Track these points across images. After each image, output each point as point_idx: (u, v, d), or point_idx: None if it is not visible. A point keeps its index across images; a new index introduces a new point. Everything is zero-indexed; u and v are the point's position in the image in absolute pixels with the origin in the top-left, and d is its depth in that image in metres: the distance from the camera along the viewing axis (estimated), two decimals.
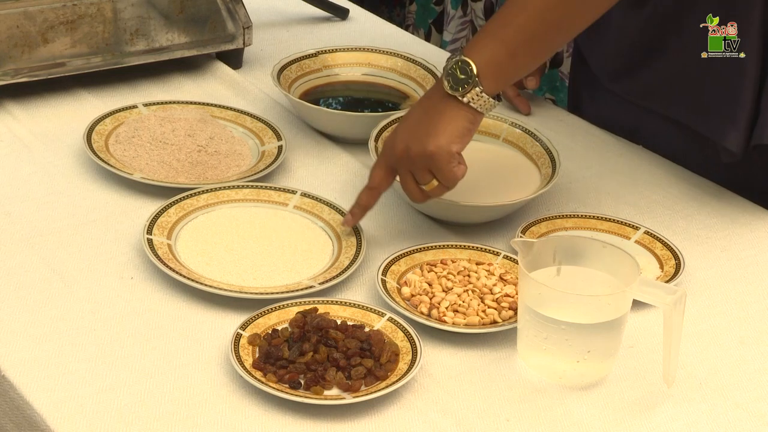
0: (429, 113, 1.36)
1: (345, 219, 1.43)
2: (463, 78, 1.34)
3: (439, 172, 1.36)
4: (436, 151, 1.34)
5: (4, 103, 1.68)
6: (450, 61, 1.35)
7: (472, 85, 1.33)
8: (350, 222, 1.43)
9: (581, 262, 1.28)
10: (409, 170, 1.38)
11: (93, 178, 1.54)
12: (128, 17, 1.72)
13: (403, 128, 1.38)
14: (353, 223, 1.43)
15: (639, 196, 1.58)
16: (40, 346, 1.26)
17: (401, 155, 1.37)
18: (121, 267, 1.38)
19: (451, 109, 1.35)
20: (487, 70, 1.34)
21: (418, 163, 1.36)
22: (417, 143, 1.35)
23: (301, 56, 1.75)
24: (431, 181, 1.37)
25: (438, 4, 3.19)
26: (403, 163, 1.38)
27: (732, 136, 1.51)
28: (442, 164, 1.35)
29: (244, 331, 1.26)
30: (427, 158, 1.35)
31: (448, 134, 1.35)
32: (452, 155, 1.35)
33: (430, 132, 1.35)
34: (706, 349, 1.33)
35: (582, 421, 1.22)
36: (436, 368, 1.27)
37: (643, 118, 1.67)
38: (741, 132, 1.50)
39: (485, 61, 1.34)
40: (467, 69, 1.33)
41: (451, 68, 1.34)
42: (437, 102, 1.36)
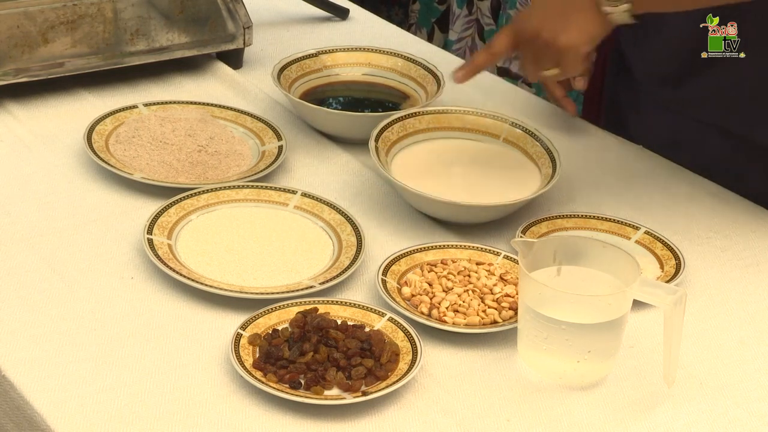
0: (569, 8, 1.40)
1: (456, 75, 1.48)
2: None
3: (564, 65, 1.43)
4: (568, 47, 1.40)
5: (5, 103, 1.68)
6: None
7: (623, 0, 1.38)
8: (461, 79, 1.48)
9: (581, 262, 1.28)
10: (533, 52, 1.43)
11: (93, 178, 1.54)
12: (128, 17, 1.72)
13: (541, 11, 1.42)
14: (464, 80, 1.48)
15: (639, 196, 1.58)
16: (40, 346, 1.26)
17: (531, 37, 1.42)
18: (122, 267, 1.38)
19: (591, 12, 1.39)
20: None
21: (546, 51, 1.42)
22: (550, 33, 1.40)
23: (301, 56, 1.75)
24: (553, 68, 1.44)
25: (441, 3, 3.19)
26: (530, 44, 1.43)
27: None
28: (570, 59, 1.42)
29: (244, 331, 1.26)
30: (557, 50, 1.41)
31: (582, 35, 1.40)
32: (580, 54, 1.42)
33: (566, 28, 1.40)
34: (706, 349, 1.33)
35: (582, 421, 1.22)
36: (436, 368, 1.27)
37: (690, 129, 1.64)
38: None
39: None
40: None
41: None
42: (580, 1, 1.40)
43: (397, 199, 1.53)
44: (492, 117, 1.62)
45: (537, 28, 1.41)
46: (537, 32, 1.41)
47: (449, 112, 1.63)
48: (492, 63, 1.48)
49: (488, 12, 3.05)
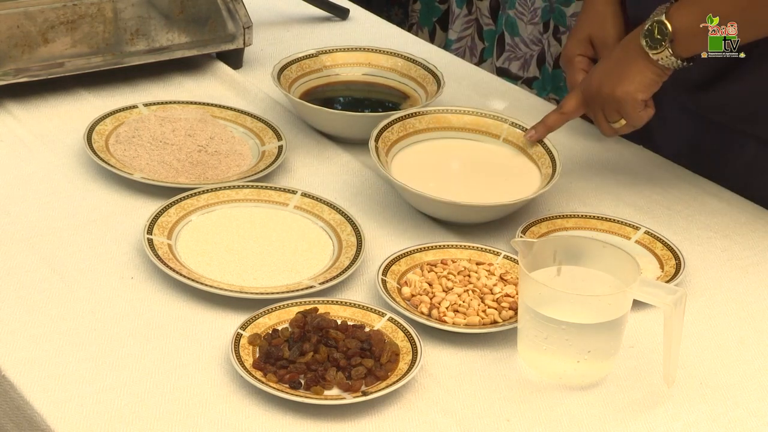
0: (623, 61, 1.49)
1: (529, 134, 1.56)
2: (658, 38, 1.44)
3: (626, 115, 1.50)
4: (624, 97, 1.48)
5: (5, 103, 1.68)
6: (653, 18, 1.44)
7: (664, 47, 1.44)
8: (534, 138, 1.56)
9: (581, 262, 1.28)
10: (600, 107, 1.51)
11: (93, 178, 1.54)
12: (128, 17, 1.72)
13: (601, 69, 1.51)
14: (536, 139, 1.56)
15: (639, 196, 1.58)
16: (40, 346, 1.26)
17: (594, 93, 1.51)
18: (121, 267, 1.38)
19: (642, 62, 1.47)
20: (682, 36, 1.43)
21: (607, 104, 1.50)
22: (608, 86, 1.49)
23: (301, 56, 1.75)
24: (619, 120, 1.51)
25: (442, 3, 3.19)
26: (594, 100, 1.52)
27: None
28: (629, 109, 1.49)
29: (244, 331, 1.26)
30: (616, 101, 1.49)
31: (635, 84, 1.47)
32: (638, 102, 1.48)
33: (621, 79, 1.48)
34: (706, 349, 1.33)
35: (582, 421, 1.22)
36: (436, 368, 1.27)
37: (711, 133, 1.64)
38: None
39: (683, 26, 1.43)
40: (664, 30, 1.44)
41: (650, 26, 1.44)
42: (632, 52, 1.48)
43: (397, 199, 1.53)
44: (492, 117, 1.62)
45: (599, 83, 1.51)
46: (599, 87, 1.50)
47: (449, 112, 1.63)
48: (563, 123, 1.56)
49: (487, 12, 3.05)
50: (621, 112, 1.50)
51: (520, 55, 2.93)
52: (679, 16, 1.44)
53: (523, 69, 2.95)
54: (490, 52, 3.06)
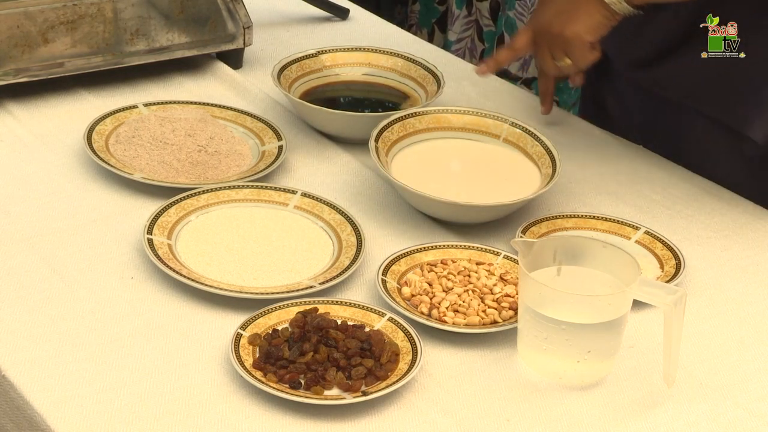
0: (575, 1, 1.52)
1: (480, 69, 1.63)
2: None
3: (572, 55, 1.54)
4: (572, 37, 1.52)
5: (5, 103, 1.68)
6: None
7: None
8: (484, 71, 1.64)
9: (581, 262, 1.28)
10: (548, 45, 1.55)
11: (93, 178, 1.54)
12: (128, 17, 1.72)
13: (553, 8, 1.54)
14: (486, 73, 1.64)
15: (639, 196, 1.58)
16: (40, 346, 1.26)
17: (543, 31, 1.55)
18: (121, 267, 1.38)
19: (594, 4, 1.50)
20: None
21: (555, 43, 1.54)
22: (558, 25, 1.53)
23: (301, 56, 1.75)
24: (564, 59, 1.55)
25: (441, 4, 3.19)
26: (543, 38, 1.56)
27: (757, 126, 1.52)
28: (576, 49, 1.53)
29: (244, 331, 1.26)
30: (564, 40, 1.53)
31: (584, 25, 1.51)
32: (585, 43, 1.52)
33: (571, 19, 1.52)
34: (706, 349, 1.33)
35: (582, 421, 1.22)
36: (436, 368, 1.27)
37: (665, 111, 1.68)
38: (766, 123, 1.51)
39: None
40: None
41: None
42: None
43: (397, 199, 1.53)
44: (492, 117, 1.62)
45: (548, 21, 1.54)
46: (548, 25, 1.53)
47: (449, 112, 1.63)
48: (514, 59, 1.61)
49: (487, 13, 3.05)
50: (568, 52, 1.54)
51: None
52: None
53: (523, 69, 2.95)
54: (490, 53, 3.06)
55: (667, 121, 1.68)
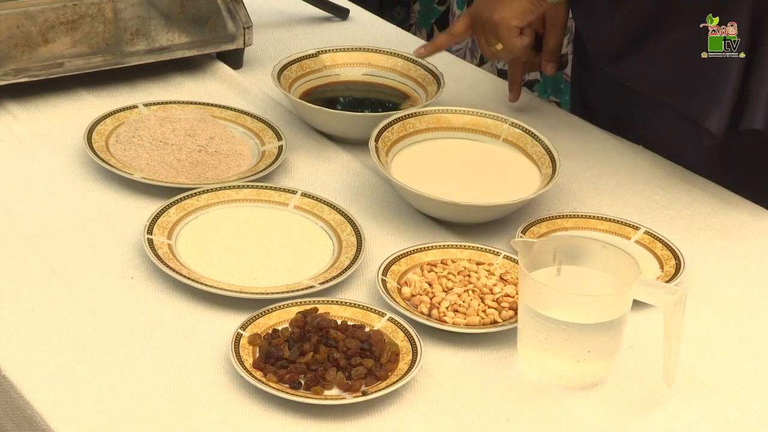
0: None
1: (417, 50, 1.70)
2: None
3: (502, 39, 1.60)
4: (500, 22, 1.59)
5: (5, 103, 1.68)
6: None
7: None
8: (422, 54, 1.70)
9: (581, 262, 1.28)
10: (482, 31, 1.62)
11: (93, 178, 1.54)
12: (128, 17, 1.72)
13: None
14: (424, 55, 1.71)
15: (639, 196, 1.58)
16: (40, 346, 1.26)
17: (477, 16, 1.62)
18: (122, 267, 1.38)
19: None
20: None
21: (486, 27, 1.61)
22: (488, 10, 1.60)
23: (301, 56, 1.75)
24: (496, 44, 1.61)
25: (441, 4, 3.19)
26: (477, 24, 1.63)
27: (714, 117, 1.54)
28: (503, 33, 1.59)
29: (244, 331, 1.26)
30: (493, 26, 1.60)
31: (511, 10, 1.58)
32: (512, 27, 1.59)
33: (500, 4, 1.59)
34: (706, 349, 1.33)
35: (582, 421, 1.22)
36: (436, 368, 1.27)
37: (636, 102, 1.69)
38: (724, 114, 1.53)
39: None
40: None
41: None
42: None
43: (397, 199, 1.53)
44: (492, 117, 1.62)
45: (480, 8, 1.61)
46: (480, 11, 1.61)
47: (449, 112, 1.63)
48: (452, 44, 1.68)
49: None
50: (497, 37, 1.60)
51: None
52: None
53: None
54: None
55: (638, 111, 1.70)
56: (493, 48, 1.62)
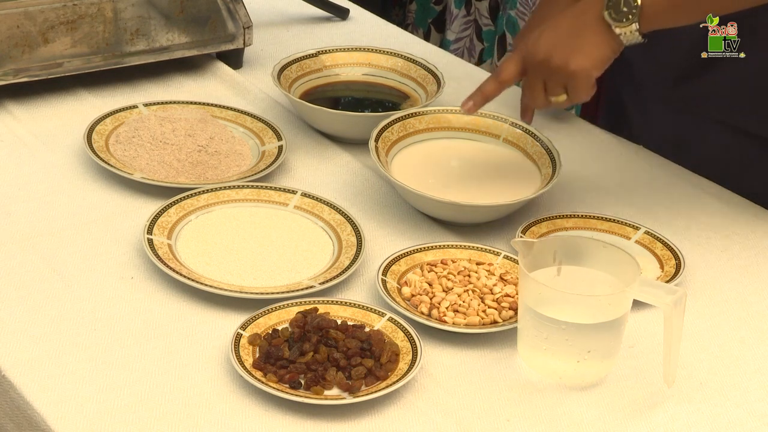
0: (580, 31, 1.38)
1: (466, 105, 1.45)
2: (624, 11, 1.35)
3: (574, 90, 1.39)
4: (578, 72, 1.37)
5: (5, 103, 1.68)
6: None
7: (631, 21, 1.35)
8: (472, 109, 1.46)
9: (581, 262, 1.28)
10: (543, 78, 1.40)
11: (93, 178, 1.54)
12: (128, 17, 1.72)
13: (550, 35, 1.39)
14: (474, 110, 1.46)
15: (639, 196, 1.58)
16: (40, 346, 1.26)
17: (541, 61, 1.39)
18: (121, 267, 1.38)
19: (602, 34, 1.37)
20: (649, 10, 1.35)
21: (555, 76, 1.39)
22: (560, 56, 1.38)
23: (301, 56, 1.76)
24: (562, 94, 1.40)
25: (438, 4, 3.19)
26: (539, 69, 1.40)
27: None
28: (581, 84, 1.38)
29: (244, 331, 1.26)
30: (567, 75, 1.38)
31: (593, 58, 1.37)
32: (591, 78, 1.39)
33: (576, 50, 1.37)
34: (706, 349, 1.33)
35: (582, 421, 1.22)
36: (436, 368, 1.27)
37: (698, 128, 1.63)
38: None
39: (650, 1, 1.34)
40: (632, 3, 1.34)
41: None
42: (590, 22, 1.37)
43: (397, 199, 1.53)
44: (492, 117, 1.62)
45: (547, 52, 1.39)
46: (547, 57, 1.39)
47: (449, 112, 1.63)
48: (501, 91, 1.44)
49: (486, 12, 3.05)
50: (569, 87, 1.40)
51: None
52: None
53: None
54: (489, 52, 3.06)
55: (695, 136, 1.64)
56: (555, 99, 1.42)
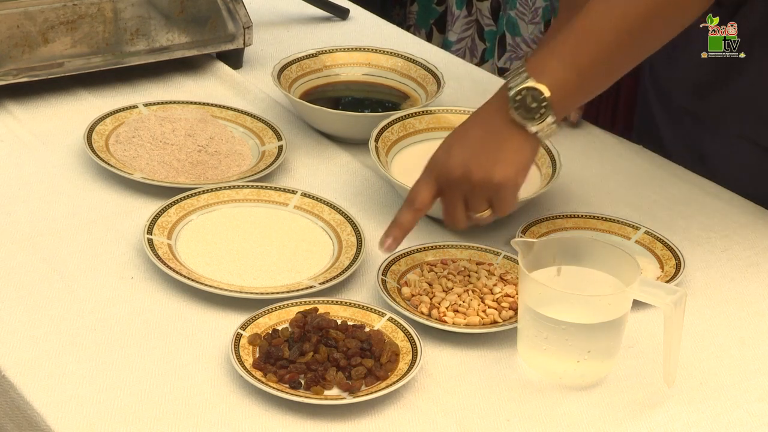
0: (494, 139, 1.27)
1: (385, 243, 1.31)
2: (534, 107, 1.25)
3: (502, 202, 1.28)
4: (504, 182, 1.26)
5: (5, 103, 1.68)
6: (515, 84, 1.26)
7: (545, 116, 1.25)
8: (392, 246, 1.31)
9: (581, 262, 1.28)
10: (463, 195, 1.29)
11: (93, 178, 1.54)
12: (128, 17, 1.72)
13: (462, 149, 1.28)
14: (394, 247, 1.31)
15: (639, 196, 1.58)
16: (40, 346, 1.26)
17: (459, 179, 1.27)
18: (121, 267, 1.38)
19: (518, 137, 1.26)
20: (558, 98, 1.25)
21: (478, 191, 1.27)
22: (481, 170, 1.26)
23: (301, 56, 1.76)
24: (487, 209, 1.30)
25: (439, 4, 3.19)
26: (458, 187, 1.28)
27: None
28: (508, 195, 1.27)
29: (244, 331, 1.26)
30: (492, 188, 1.27)
31: (515, 165, 1.26)
32: (518, 187, 1.28)
33: (497, 160, 1.26)
34: (706, 349, 1.33)
35: (582, 421, 1.22)
36: (436, 368, 1.27)
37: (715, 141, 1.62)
38: None
39: (557, 87, 1.25)
40: (539, 98, 1.25)
41: (519, 94, 1.25)
42: (502, 127, 1.27)
43: (397, 199, 1.53)
44: None
45: (464, 167, 1.27)
46: (465, 173, 1.27)
47: (449, 112, 1.63)
48: (418, 220, 1.31)
49: (488, 13, 3.05)
50: (495, 200, 1.28)
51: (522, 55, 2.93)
52: (549, 77, 1.25)
53: None
54: (491, 52, 3.06)
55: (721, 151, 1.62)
56: (478, 215, 1.30)
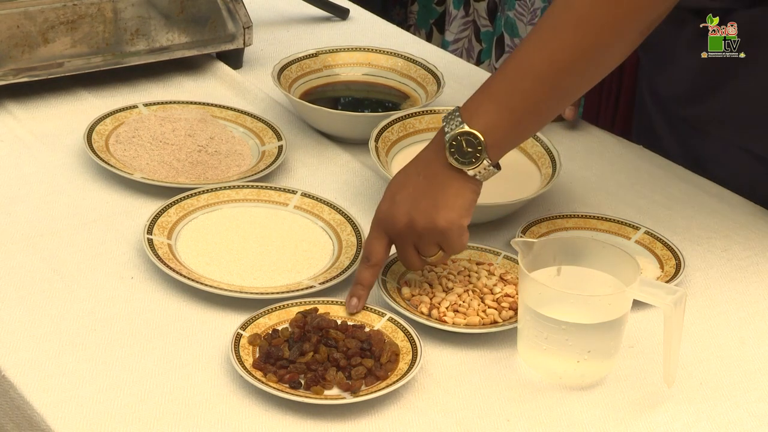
0: (433, 185, 1.29)
1: (351, 305, 1.31)
2: (470, 151, 1.27)
3: (449, 244, 1.30)
4: (448, 227, 1.28)
5: (4, 103, 1.68)
6: (451, 129, 1.28)
7: (480, 159, 1.27)
8: (358, 306, 1.31)
9: (581, 262, 1.28)
10: (413, 243, 1.31)
11: (93, 178, 1.54)
12: (128, 17, 1.72)
13: (404, 199, 1.30)
14: (361, 306, 1.31)
15: (639, 196, 1.58)
16: (40, 346, 1.26)
17: (404, 229, 1.30)
18: (121, 267, 1.38)
19: (457, 181, 1.29)
20: (493, 141, 1.27)
21: (425, 238, 1.29)
22: (424, 217, 1.28)
23: (301, 56, 1.76)
24: (437, 252, 1.31)
25: (439, 4, 3.20)
26: (406, 236, 1.30)
27: None
28: (454, 237, 1.29)
29: (244, 331, 1.26)
30: (438, 233, 1.29)
31: (457, 209, 1.28)
32: (463, 228, 1.29)
33: (438, 206, 1.28)
34: (706, 349, 1.33)
35: (582, 421, 1.22)
36: (436, 368, 1.27)
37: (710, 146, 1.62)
38: None
39: (490, 131, 1.27)
40: (474, 142, 1.27)
41: (454, 139, 1.27)
42: (439, 172, 1.29)
43: None
44: None
45: (407, 217, 1.29)
46: (409, 222, 1.29)
47: None
48: (378, 274, 1.33)
49: (485, 13, 3.05)
50: (443, 243, 1.30)
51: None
52: (483, 120, 1.27)
53: None
54: (487, 53, 3.06)
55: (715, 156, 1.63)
56: (431, 258, 1.32)
